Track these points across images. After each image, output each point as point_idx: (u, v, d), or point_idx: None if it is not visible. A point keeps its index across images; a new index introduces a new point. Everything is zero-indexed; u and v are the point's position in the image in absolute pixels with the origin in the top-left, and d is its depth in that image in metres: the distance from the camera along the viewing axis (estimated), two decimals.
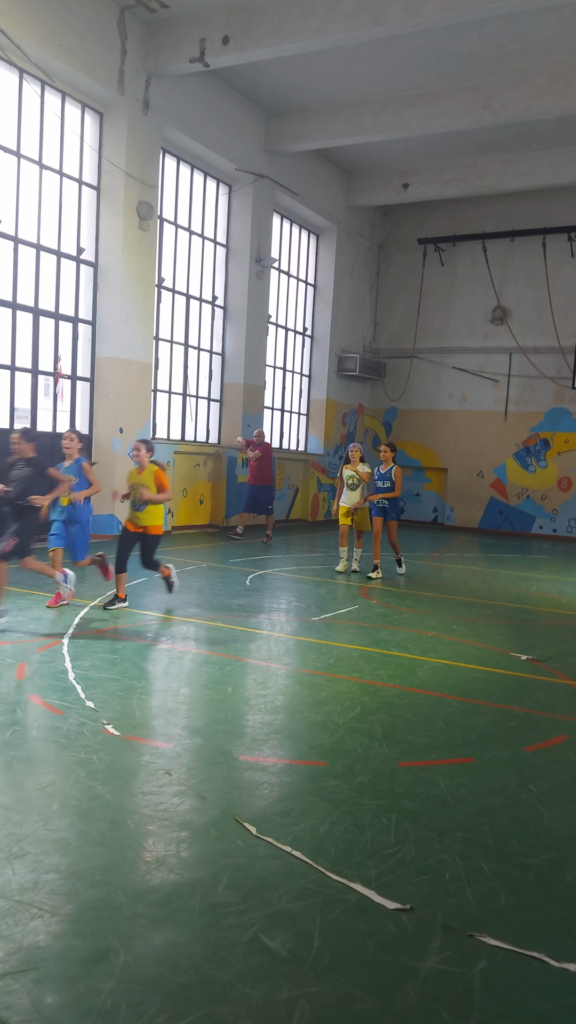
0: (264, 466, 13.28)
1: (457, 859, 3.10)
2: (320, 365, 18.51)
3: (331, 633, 6.95)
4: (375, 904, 2.76)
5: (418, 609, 8.30)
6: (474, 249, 18.59)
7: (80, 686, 4.98)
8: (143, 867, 2.94)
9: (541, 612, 8.69)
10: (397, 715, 4.82)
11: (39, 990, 2.24)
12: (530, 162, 15.90)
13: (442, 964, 2.46)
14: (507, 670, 6.08)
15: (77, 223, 12.04)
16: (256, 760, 4.02)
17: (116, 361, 12.29)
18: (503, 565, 12.73)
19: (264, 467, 13.28)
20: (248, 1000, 2.25)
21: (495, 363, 18.66)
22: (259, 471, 13.27)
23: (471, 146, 15.68)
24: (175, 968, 2.37)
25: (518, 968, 2.47)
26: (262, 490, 13.29)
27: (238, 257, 15.20)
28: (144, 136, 12.27)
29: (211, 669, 5.65)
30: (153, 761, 3.92)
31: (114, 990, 2.27)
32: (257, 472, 13.27)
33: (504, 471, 18.80)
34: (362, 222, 18.95)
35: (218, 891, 2.79)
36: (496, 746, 4.39)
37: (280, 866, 2.98)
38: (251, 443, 13.29)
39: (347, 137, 14.46)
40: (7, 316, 11.02)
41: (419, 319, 19.34)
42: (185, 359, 14.53)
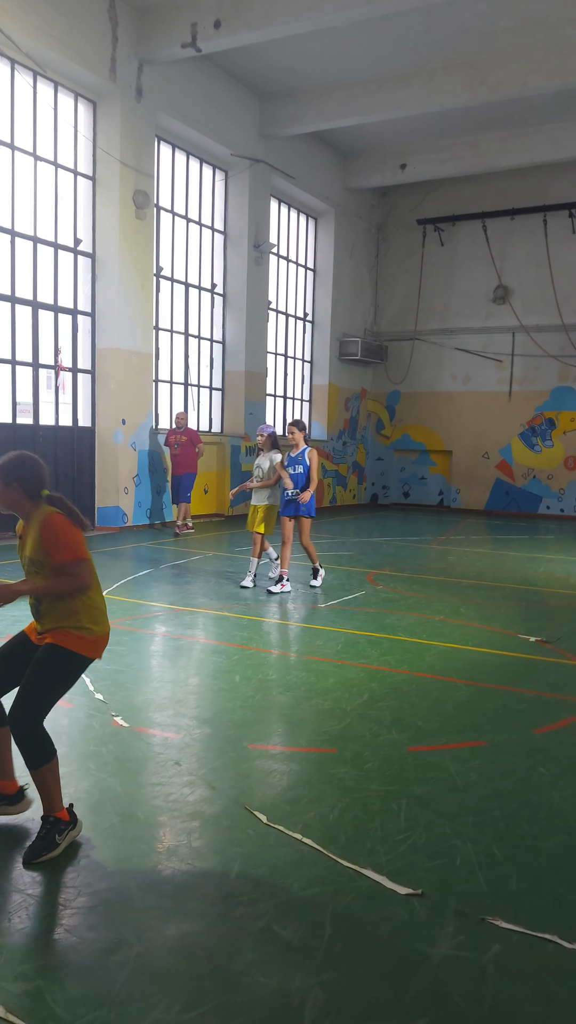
0: (187, 452, 12.55)
1: (468, 844, 3.10)
2: (321, 350, 18.44)
3: (338, 620, 6.95)
4: (387, 890, 2.76)
5: (425, 593, 8.28)
6: (474, 228, 18.44)
7: (88, 678, 4.99)
8: (154, 858, 2.94)
9: (549, 593, 8.67)
10: (405, 700, 4.81)
11: (53, 981, 2.25)
12: (528, 138, 15.75)
13: (455, 949, 2.46)
14: (516, 652, 6.07)
15: (73, 214, 11.98)
16: (265, 748, 4.02)
17: (116, 352, 12.25)
18: (510, 546, 12.70)
19: (187, 454, 12.55)
20: (261, 989, 2.25)
21: (498, 343, 18.55)
22: (182, 458, 12.54)
23: (468, 124, 15.52)
24: (188, 958, 2.38)
25: (531, 952, 2.46)
26: (182, 478, 12.56)
27: (236, 243, 15.11)
28: (138, 124, 12.18)
29: (219, 658, 5.65)
30: (162, 752, 3.93)
31: (127, 981, 2.27)
32: (181, 459, 12.52)
33: (509, 452, 18.73)
34: (360, 204, 18.81)
35: (229, 880, 2.80)
36: (506, 729, 4.38)
37: (291, 854, 2.98)
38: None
39: (342, 118, 14.33)
40: (6, 310, 10.98)
41: (420, 300, 19.22)
42: (185, 348, 14.48)
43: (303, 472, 8.14)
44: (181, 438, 12.52)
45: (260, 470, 8.33)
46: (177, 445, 12.51)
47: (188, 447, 12.51)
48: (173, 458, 12.59)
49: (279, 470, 8.19)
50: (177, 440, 12.53)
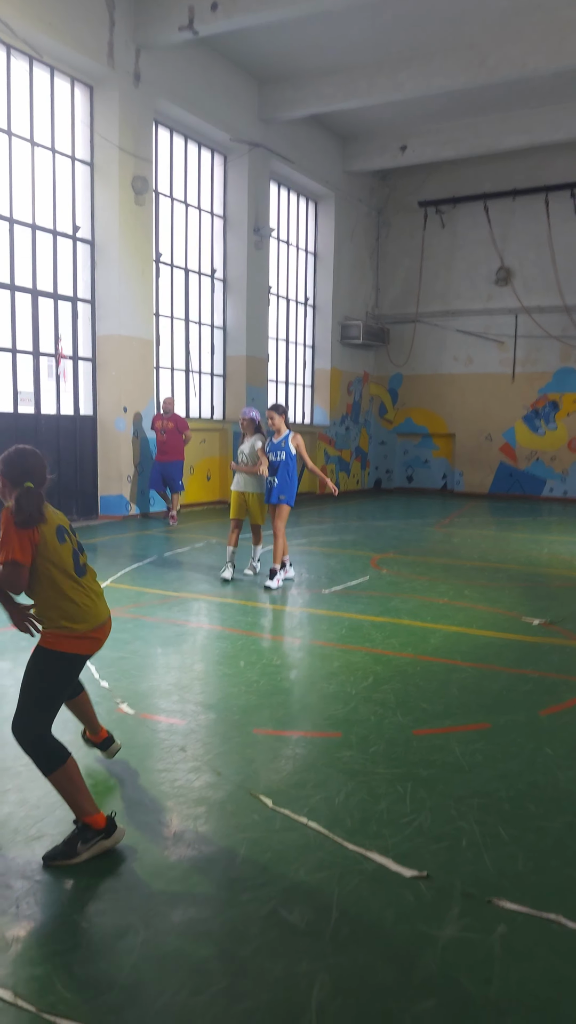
0: (175, 440, 12.21)
1: (474, 825, 3.11)
2: (323, 334, 18.36)
3: (342, 604, 6.95)
4: (393, 873, 2.77)
5: (429, 576, 8.28)
6: (475, 210, 18.31)
7: (93, 666, 4.99)
8: (161, 844, 2.95)
9: (553, 575, 8.66)
10: (410, 683, 4.82)
11: (61, 967, 2.26)
12: (528, 119, 15.60)
13: (461, 931, 2.47)
14: (520, 634, 6.06)
15: (72, 201, 11.91)
16: (270, 733, 4.03)
17: (117, 339, 12.21)
18: (514, 529, 12.68)
19: (175, 441, 12.21)
20: (268, 974, 2.26)
21: (500, 324, 18.45)
22: (170, 445, 12.17)
23: (468, 105, 15.38)
24: (195, 943, 2.39)
25: (538, 932, 2.47)
26: (173, 466, 12.26)
27: (236, 228, 15.02)
28: (136, 109, 12.08)
29: (223, 644, 5.66)
30: (168, 738, 3.94)
31: (135, 965, 2.28)
32: (169, 446, 12.16)
33: (513, 434, 18.67)
34: (360, 187, 18.68)
35: (236, 865, 2.81)
36: (511, 711, 4.39)
37: (297, 838, 2.99)
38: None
39: (341, 101, 14.20)
40: (6, 298, 10.94)
41: (421, 283, 19.11)
42: (186, 334, 14.43)
43: (286, 459, 7.73)
44: (168, 424, 12.16)
45: (243, 455, 7.99)
46: (164, 431, 12.15)
47: (175, 434, 12.17)
48: (160, 444, 12.23)
49: (260, 456, 7.82)
50: (164, 426, 12.16)
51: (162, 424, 12.19)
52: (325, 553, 9.75)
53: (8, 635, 5.66)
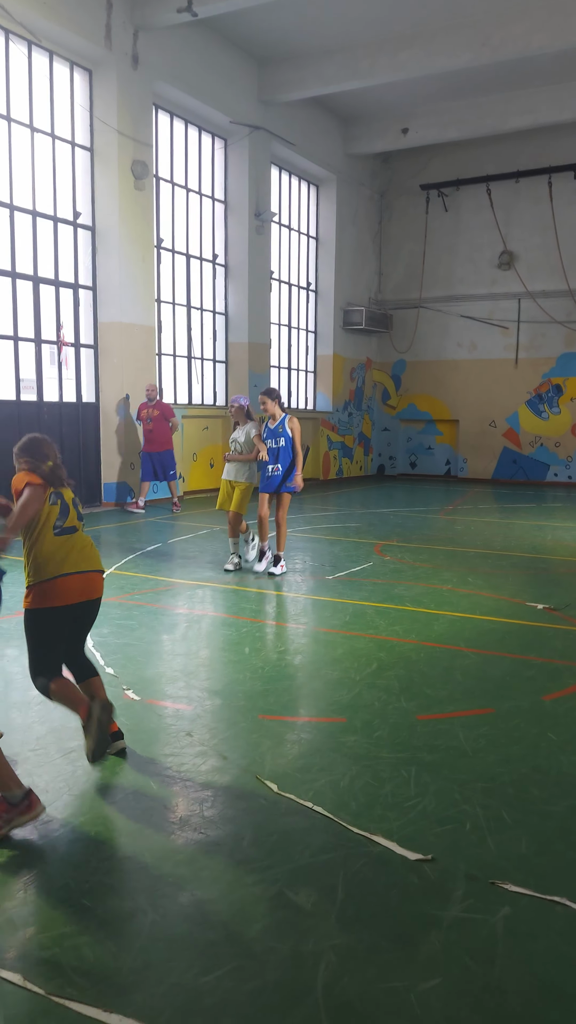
0: (162, 428, 11.81)
1: (478, 809, 3.13)
2: (325, 320, 18.30)
3: (346, 591, 6.97)
4: (397, 856, 2.80)
5: (433, 563, 8.29)
6: (478, 193, 18.19)
7: (99, 653, 5.02)
8: (167, 828, 2.98)
9: (557, 561, 8.66)
10: (414, 669, 4.84)
11: (71, 950, 2.29)
12: (532, 99, 15.46)
13: (465, 912, 2.49)
14: (524, 620, 6.08)
15: (72, 186, 11.85)
16: (275, 719, 4.06)
17: (119, 326, 12.18)
18: (518, 515, 12.68)
19: (162, 429, 11.81)
20: (275, 953, 2.29)
21: (503, 309, 18.37)
22: (157, 434, 11.79)
23: (470, 86, 15.24)
24: (202, 925, 2.42)
25: (541, 913, 2.50)
26: (164, 456, 11.89)
27: (237, 213, 14.94)
28: (135, 92, 12.00)
29: (228, 631, 5.68)
30: (174, 723, 3.96)
31: (144, 947, 2.31)
32: (156, 435, 11.78)
33: (517, 420, 18.63)
34: (362, 170, 18.55)
35: (242, 848, 2.83)
36: (514, 696, 4.41)
37: (302, 822, 3.02)
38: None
39: (342, 83, 14.08)
40: (7, 285, 10.92)
41: (424, 267, 19.02)
42: (188, 320, 14.39)
43: (286, 446, 7.39)
44: (153, 412, 11.79)
45: (237, 444, 7.69)
46: (150, 420, 11.79)
47: (161, 421, 11.81)
48: (146, 433, 11.85)
49: (257, 444, 7.47)
50: (149, 414, 11.80)
51: (147, 412, 11.82)
52: (328, 540, 9.76)
53: (15, 622, 5.69)
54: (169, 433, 11.93)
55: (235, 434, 7.79)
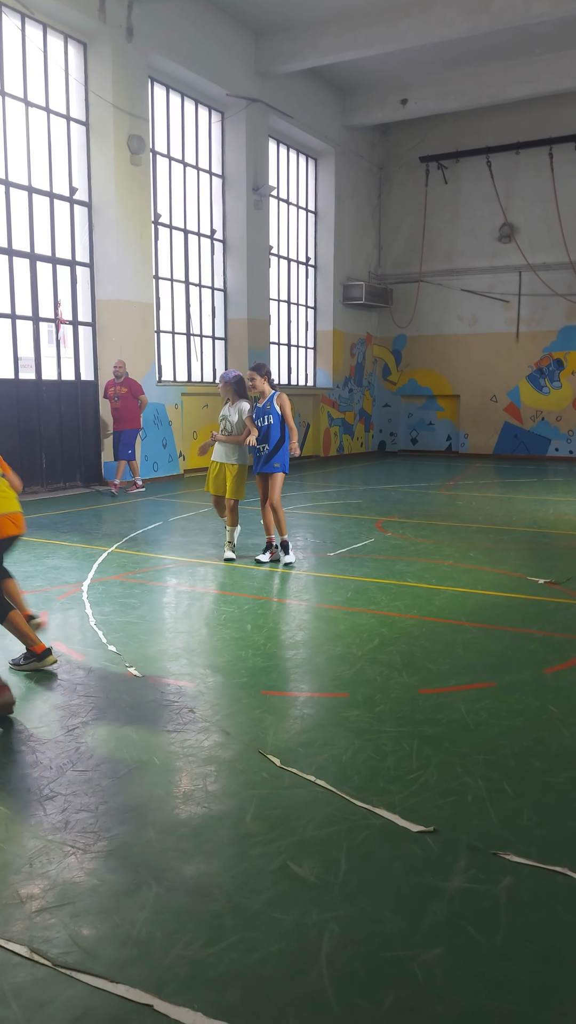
0: (130, 406, 11.38)
1: (480, 781, 3.15)
2: (325, 295, 18.17)
3: (347, 567, 6.97)
4: (400, 828, 2.81)
5: (434, 539, 8.29)
6: (478, 164, 17.99)
7: (101, 631, 5.04)
8: (171, 802, 3.00)
9: (558, 535, 8.66)
10: (416, 644, 4.85)
11: (76, 923, 2.31)
12: (532, 68, 15.25)
13: (468, 883, 2.51)
14: (525, 594, 6.08)
15: (68, 162, 11.73)
16: (278, 694, 4.07)
17: (117, 303, 12.10)
18: (519, 490, 12.66)
19: (130, 407, 11.38)
20: (279, 925, 2.31)
21: (504, 283, 18.24)
22: (124, 412, 11.35)
23: (470, 55, 15.03)
24: (206, 897, 2.43)
25: (543, 883, 2.51)
26: (127, 434, 11.43)
27: (235, 187, 14.79)
28: (130, 65, 11.83)
29: (230, 608, 5.69)
30: (177, 700, 3.98)
31: (148, 920, 2.33)
32: (123, 413, 11.36)
33: (518, 394, 18.56)
34: (360, 142, 18.34)
35: (245, 822, 2.85)
36: (516, 670, 4.42)
37: (305, 795, 3.03)
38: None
39: (340, 53, 13.88)
40: (3, 263, 10.83)
41: (424, 241, 18.86)
42: (187, 297, 14.29)
43: (275, 423, 6.98)
44: (121, 389, 11.30)
45: (228, 423, 7.15)
46: (117, 397, 11.31)
47: (129, 399, 11.34)
48: (113, 412, 11.42)
49: (248, 425, 7.05)
50: (117, 392, 11.32)
51: (115, 390, 11.37)
52: (330, 517, 9.76)
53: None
54: (137, 412, 11.50)
55: (225, 411, 7.25)
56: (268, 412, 7.03)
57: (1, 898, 2.43)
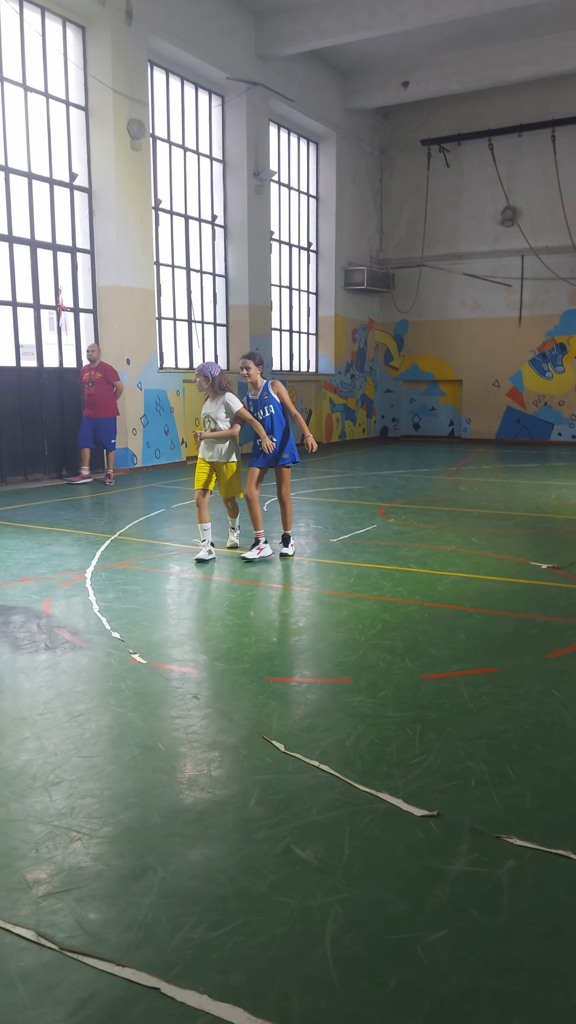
0: (105, 392, 10.97)
1: (482, 765, 3.16)
2: (327, 280, 18.09)
3: (350, 553, 6.97)
4: (403, 812, 2.83)
5: (436, 524, 8.29)
6: (480, 147, 17.86)
7: (105, 618, 5.05)
8: (176, 788, 3.02)
9: (561, 520, 8.65)
10: (418, 630, 4.86)
11: (82, 908, 2.33)
12: (535, 49, 15.11)
13: (470, 866, 2.53)
14: (527, 579, 6.09)
15: (67, 147, 11.66)
16: (281, 680, 4.09)
17: (118, 290, 12.06)
18: (521, 475, 12.65)
19: (105, 393, 10.97)
20: (283, 908, 2.33)
21: (507, 267, 18.14)
22: (99, 398, 10.93)
23: (473, 36, 14.88)
24: (211, 881, 2.45)
25: (545, 866, 2.53)
26: (105, 423, 11.08)
27: (235, 172, 14.71)
28: (129, 49, 11.74)
29: (233, 595, 5.71)
30: (181, 686, 4.00)
31: (154, 904, 2.35)
32: (98, 399, 10.93)
33: (520, 379, 18.50)
34: (362, 126, 18.21)
35: (249, 807, 2.87)
36: (518, 654, 4.43)
37: (309, 780, 3.05)
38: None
39: (341, 35, 13.77)
40: (4, 250, 10.79)
41: (426, 225, 18.75)
42: (188, 283, 14.24)
43: (276, 413, 6.60)
44: (95, 375, 10.88)
45: (213, 422, 6.65)
46: (92, 383, 10.91)
47: (104, 385, 10.94)
48: (88, 397, 11.03)
49: (253, 423, 6.54)
50: (91, 377, 10.91)
51: (89, 375, 10.99)
52: (332, 503, 9.76)
53: (20, 588, 5.72)
54: (113, 398, 11.12)
55: (209, 408, 6.69)
56: (268, 403, 6.60)
57: (8, 883, 2.45)
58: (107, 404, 11.06)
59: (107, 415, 11.11)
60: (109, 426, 11.17)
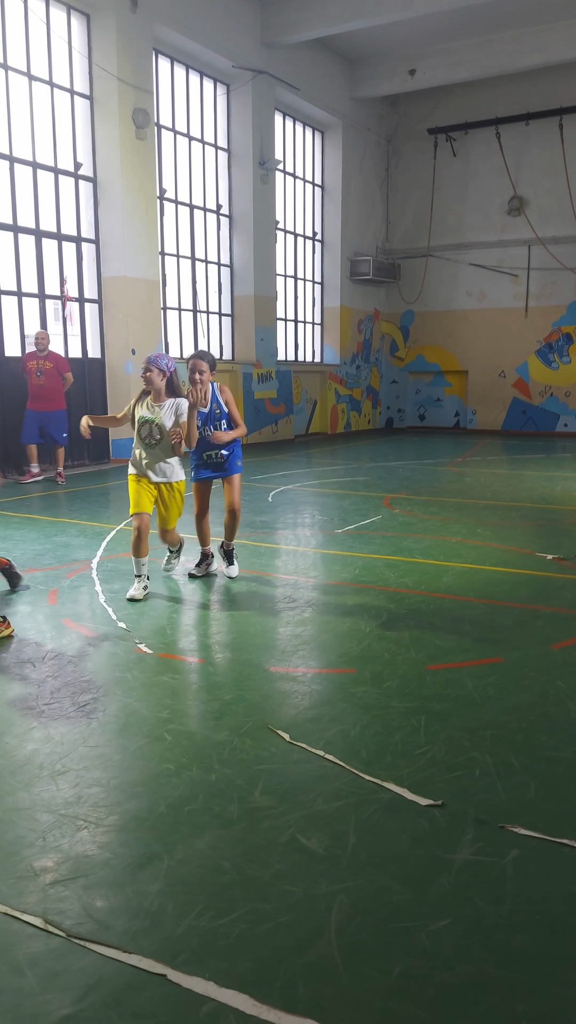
0: (55, 384, 10.20)
1: (487, 755, 3.17)
2: (332, 271, 18.03)
3: (355, 544, 6.98)
4: (408, 801, 2.84)
5: (442, 515, 8.28)
6: (487, 136, 17.75)
7: (111, 608, 5.07)
8: (181, 777, 3.04)
9: (566, 511, 8.64)
10: (423, 620, 4.86)
11: (89, 895, 2.35)
12: (543, 36, 14.99)
13: (475, 855, 2.54)
14: (533, 571, 6.09)
15: (72, 137, 11.63)
16: (286, 671, 4.10)
17: (123, 280, 12.05)
18: (527, 466, 12.62)
19: (55, 385, 10.21)
20: (288, 896, 2.34)
21: (513, 257, 18.06)
22: (50, 390, 10.12)
23: (480, 23, 14.77)
24: (217, 870, 2.47)
25: (549, 855, 2.54)
26: (55, 416, 10.29)
27: (241, 161, 14.65)
28: (134, 37, 11.68)
29: (238, 585, 5.72)
30: (186, 676, 4.01)
31: (160, 892, 2.37)
32: (48, 391, 10.11)
33: (526, 369, 18.44)
34: (368, 115, 18.10)
35: (255, 796, 2.89)
36: (523, 645, 4.43)
37: (314, 770, 3.07)
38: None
39: (348, 22, 13.68)
40: (9, 240, 10.78)
41: (432, 215, 18.67)
42: (193, 273, 14.21)
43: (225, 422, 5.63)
44: (45, 364, 10.00)
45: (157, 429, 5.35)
46: (40, 373, 10.01)
47: (53, 375, 10.12)
48: (35, 388, 10.11)
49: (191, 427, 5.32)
50: (40, 367, 10.02)
51: (38, 364, 10.06)
52: (337, 494, 9.75)
53: (27, 578, 5.74)
54: (62, 390, 10.32)
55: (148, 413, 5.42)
56: (221, 417, 5.61)
57: (16, 871, 2.47)
58: (58, 396, 10.28)
59: (57, 408, 10.32)
60: (60, 420, 10.36)
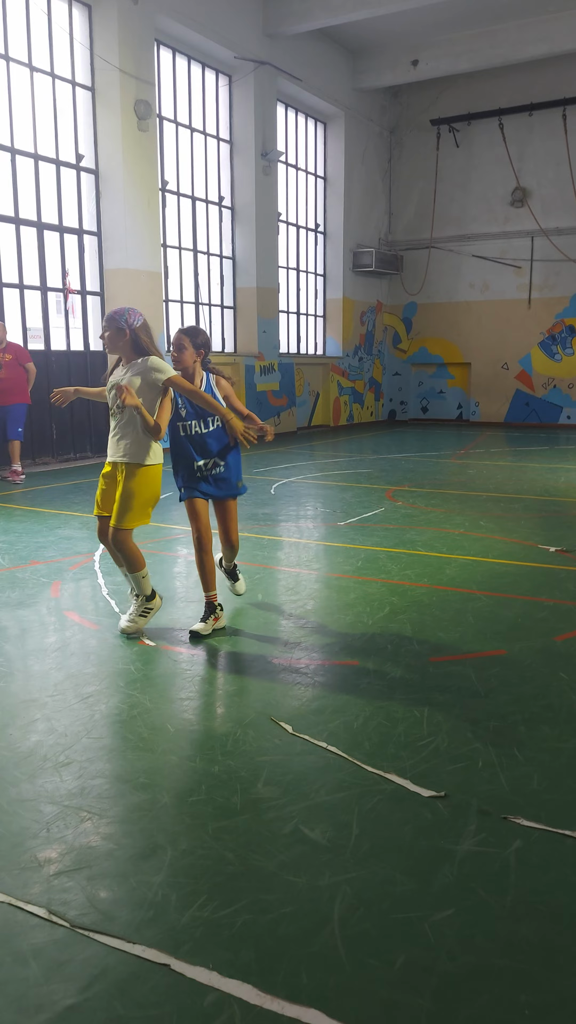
0: (16, 376, 9.72)
1: (490, 747, 3.17)
2: (335, 262, 17.98)
3: (358, 536, 6.98)
4: (411, 793, 2.84)
5: (445, 508, 8.27)
6: (490, 127, 17.67)
7: (114, 600, 5.07)
8: (185, 768, 3.04)
9: (569, 503, 8.63)
10: (426, 613, 4.86)
11: (93, 886, 2.36)
12: (547, 26, 14.90)
13: (478, 846, 2.54)
14: (536, 563, 6.08)
15: (74, 128, 11.59)
16: (289, 663, 4.10)
17: (125, 272, 12.02)
18: (530, 458, 12.60)
19: (17, 378, 9.72)
20: (292, 887, 2.35)
21: (516, 248, 18.00)
22: (10, 383, 9.67)
23: (483, 12, 14.69)
24: (220, 861, 2.48)
25: (552, 846, 2.54)
26: (14, 409, 9.82)
27: (243, 153, 14.60)
28: (136, 27, 11.63)
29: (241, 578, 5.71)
30: (189, 668, 4.02)
31: (164, 883, 2.37)
32: (9, 384, 9.68)
33: (529, 361, 18.39)
34: (370, 106, 18.02)
35: (258, 787, 2.89)
36: (526, 637, 4.43)
37: (317, 761, 3.07)
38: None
39: (351, 12, 13.60)
40: (11, 232, 10.76)
41: (435, 206, 18.60)
42: (195, 265, 14.18)
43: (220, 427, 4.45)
44: (5, 357, 9.60)
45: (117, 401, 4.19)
46: (0, 367, 9.63)
47: (15, 367, 9.68)
48: None
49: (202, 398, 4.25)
50: (0, 360, 9.65)
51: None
52: (340, 486, 9.75)
53: (29, 571, 5.74)
54: (24, 383, 9.85)
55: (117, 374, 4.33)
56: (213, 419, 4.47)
57: (20, 862, 2.48)
58: (19, 390, 9.80)
59: (18, 401, 9.83)
60: (19, 414, 9.87)
